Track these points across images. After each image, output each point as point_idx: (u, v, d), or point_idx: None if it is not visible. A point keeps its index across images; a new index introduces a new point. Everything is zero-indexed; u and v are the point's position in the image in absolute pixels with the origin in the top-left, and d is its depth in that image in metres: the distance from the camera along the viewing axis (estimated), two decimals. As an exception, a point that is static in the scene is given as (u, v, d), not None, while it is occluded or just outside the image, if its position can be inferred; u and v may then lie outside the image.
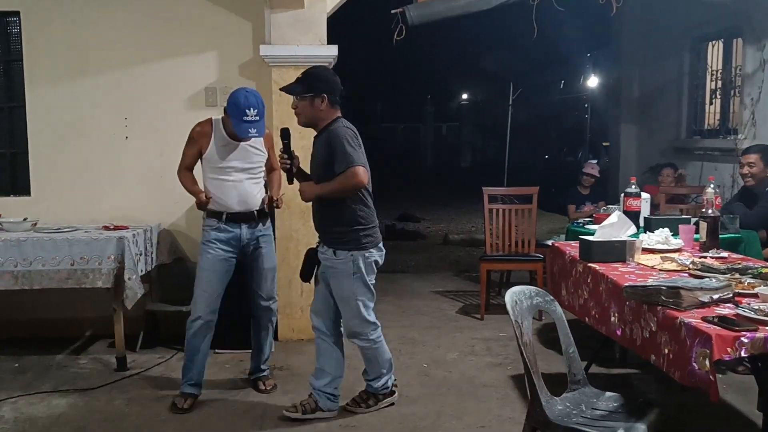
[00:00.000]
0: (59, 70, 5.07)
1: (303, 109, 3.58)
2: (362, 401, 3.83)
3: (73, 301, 5.00)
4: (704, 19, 7.20)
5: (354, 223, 3.56)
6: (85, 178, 5.13)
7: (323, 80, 3.58)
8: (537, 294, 2.99)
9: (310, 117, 3.58)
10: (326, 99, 3.54)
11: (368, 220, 3.61)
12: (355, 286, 3.59)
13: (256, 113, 3.77)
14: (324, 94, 3.54)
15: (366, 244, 3.59)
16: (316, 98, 3.53)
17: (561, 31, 9.74)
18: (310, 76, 3.60)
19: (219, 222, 3.93)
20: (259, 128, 3.80)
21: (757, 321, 2.51)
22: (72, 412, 3.87)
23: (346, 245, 3.56)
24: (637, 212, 4.56)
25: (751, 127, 6.41)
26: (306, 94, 3.54)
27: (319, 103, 3.54)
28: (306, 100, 3.55)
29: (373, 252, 3.62)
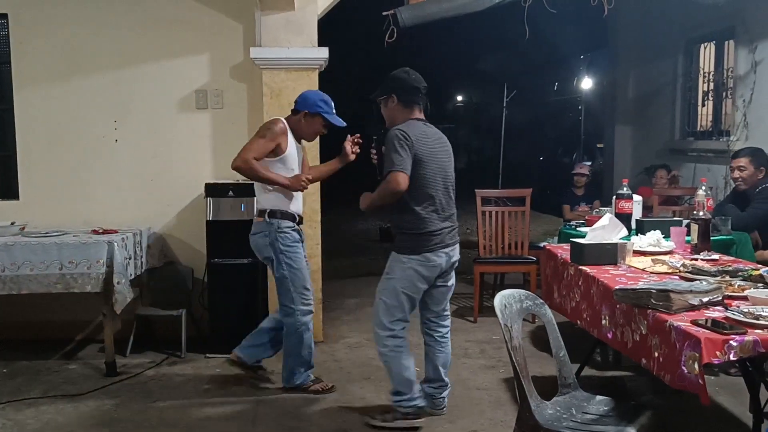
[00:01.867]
0: (48, 73, 5.05)
1: (383, 112, 3.66)
2: (382, 412, 3.72)
3: (63, 305, 4.96)
4: (697, 22, 7.21)
5: (400, 228, 3.56)
6: (74, 181, 5.10)
7: (393, 80, 3.60)
8: (527, 297, 2.97)
9: (387, 117, 3.64)
10: (395, 99, 3.56)
11: (416, 225, 3.50)
12: (384, 286, 3.58)
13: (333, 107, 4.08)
14: (393, 94, 3.57)
15: (405, 249, 3.52)
16: (388, 99, 3.59)
17: (555, 33, 9.73)
18: (386, 79, 3.64)
19: (295, 223, 4.05)
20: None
21: (746, 324, 2.50)
22: (61, 418, 3.83)
23: (394, 247, 3.60)
24: (629, 214, 4.54)
25: (744, 129, 6.41)
26: (380, 96, 3.63)
27: (391, 104, 3.59)
28: (383, 102, 3.63)
29: (413, 259, 3.50)
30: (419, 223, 3.49)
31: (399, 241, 3.56)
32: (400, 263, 3.53)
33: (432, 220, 3.51)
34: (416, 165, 3.44)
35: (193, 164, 5.13)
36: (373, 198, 3.52)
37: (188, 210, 5.13)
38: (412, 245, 3.51)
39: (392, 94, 3.56)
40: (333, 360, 4.76)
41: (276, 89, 4.90)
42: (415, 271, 3.51)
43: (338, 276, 7.49)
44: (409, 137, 3.43)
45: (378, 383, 4.30)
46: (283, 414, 3.88)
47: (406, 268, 3.52)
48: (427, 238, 3.50)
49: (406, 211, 3.50)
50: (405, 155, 3.40)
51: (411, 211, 3.50)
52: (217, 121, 5.12)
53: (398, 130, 3.46)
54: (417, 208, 3.49)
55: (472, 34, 13.35)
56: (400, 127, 3.49)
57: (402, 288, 3.54)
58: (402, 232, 3.55)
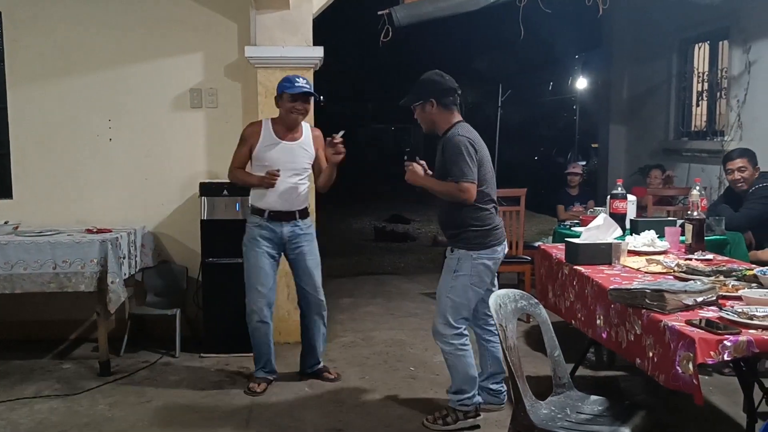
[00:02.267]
0: (42, 72, 5.03)
1: (420, 116, 3.66)
2: (440, 416, 3.65)
3: (57, 305, 4.95)
4: (691, 22, 7.23)
5: (466, 225, 3.56)
6: (68, 180, 5.08)
7: (429, 85, 3.60)
8: (522, 297, 2.97)
9: (427, 123, 3.65)
10: (435, 103, 3.57)
11: (483, 221, 3.57)
12: (453, 284, 3.58)
13: (306, 81, 4.09)
14: (432, 99, 3.56)
15: (476, 245, 3.56)
16: (425, 104, 3.59)
17: (550, 33, 9.75)
18: (416, 84, 3.63)
19: (261, 219, 4.10)
20: (311, 89, 4.10)
21: (740, 324, 2.50)
22: (54, 417, 3.82)
23: (458, 244, 3.59)
24: (623, 214, 4.55)
25: (738, 129, 6.44)
26: (416, 102, 3.61)
27: (430, 109, 3.59)
28: (418, 108, 3.62)
29: (482, 254, 3.57)
30: (486, 218, 3.59)
31: (465, 237, 3.57)
32: (470, 259, 3.56)
33: (494, 216, 3.64)
34: (479, 166, 3.53)
35: (188, 163, 5.11)
36: (440, 191, 3.56)
37: (183, 209, 5.12)
38: (481, 240, 3.57)
39: (431, 98, 3.57)
40: (328, 360, 4.75)
41: (271, 88, 4.87)
42: (485, 266, 3.59)
43: (333, 275, 7.48)
44: (474, 143, 3.52)
45: (373, 383, 4.31)
46: (277, 414, 3.88)
47: (477, 264, 3.57)
48: (493, 232, 3.61)
49: (471, 208, 3.54)
50: (473, 164, 3.47)
51: (477, 208, 3.55)
52: (212, 120, 5.10)
53: (463, 137, 3.50)
54: (482, 204, 3.57)
55: (467, 34, 13.38)
56: (463, 133, 3.53)
57: (472, 284, 3.59)
58: (468, 229, 3.56)
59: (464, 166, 3.45)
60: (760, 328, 2.47)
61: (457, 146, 3.47)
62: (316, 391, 4.20)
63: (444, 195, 3.55)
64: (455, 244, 3.62)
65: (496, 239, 3.62)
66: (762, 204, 4.72)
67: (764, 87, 6.12)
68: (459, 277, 3.58)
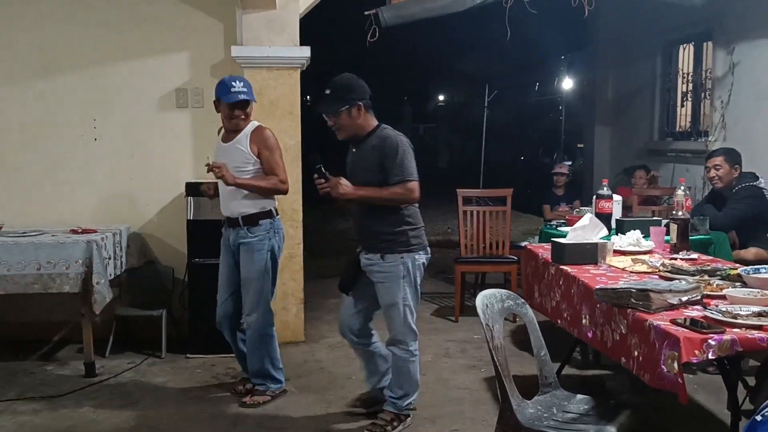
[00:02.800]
0: (25, 70, 4.98)
1: (343, 123, 3.45)
2: (387, 423, 3.58)
3: (41, 305, 4.90)
4: (676, 23, 7.28)
5: (402, 224, 3.48)
6: (53, 180, 5.04)
7: (354, 88, 3.46)
8: (508, 297, 2.98)
9: (352, 129, 3.48)
10: (362, 107, 3.44)
11: (416, 220, 3.54)
12: (405, 290, 3.49)
13: (243, 85, 3.91)
14: (359, 103, 3.43)
15: (415, 246, 3.50)
16: (352, 109, 3.43)
17: (536, 34, 9.80)
18: (339, 88, 3.46)
19: (222, 225, 4.10)
20: (248, 94, 3.92)
21: (724, 323, 2.53)
22: (37, 419, 3.79)
23: (395, 248, 3.46)
24: (609, 214, 4.58)
25: (721, 130, 6.49)
26: (342, 108, 3.41)
27: (356, 113, 3.44)
28: (343, 114, 3.43)
29: (421, 254, 3.53)
30: (419, 217, 3.56)
31: (404, 240, 3.47)
32: (413, 261, 3.49)
33: (420, 215, 3.59)
34: None
35: (174, 163, 5.09)
36: (381, 197, 3.43)
37: (168, 209, 5.09)
38: (419, 240, 3.54)
39: (359, 102, 3.43)
40: (314, 360, 4.75)
41: (257, 88, 4.83)
42: (423, 266, 3.56)
43: (319, 275, 7.46)
44: (408, 141, 3.48)
45: (360, 383, 4.30)
46: (264, 415, 3.86)
47: (419, 265, 3.53)
48: (423, 231, 3.60)
49: (406, 207, 3.49)
50: (413, 160, 3.44)
51: (410, 207, 3.51)
52: (198, 120, 5.07)
53: (402, 137, 3.46)
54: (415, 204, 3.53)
55: (454, 35, 13.40)
56: (399, 132, 3.49)
57: (418, 286, 3.56)
58: (406, 230, 3.48)
59: (410, 164, 3.40)
60: (744, 327, 2.50)
61: (400, 146, 3.39)
62: (303, 392, 4.19)
63: (389, 201, 3.42)
64: (392, 248, 3.46)
65: (425, 239, 3.61)
66: (745, 204, 4.77)
67: (748, 88, 6.18)
68: (408, 282, 3.49)
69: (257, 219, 3.94)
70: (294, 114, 4.94)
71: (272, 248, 3.98)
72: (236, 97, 3.87)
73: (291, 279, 5.06)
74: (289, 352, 4.89)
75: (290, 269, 5.03)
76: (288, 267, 5.01)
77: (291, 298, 5.07)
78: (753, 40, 6.10)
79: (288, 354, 4.86)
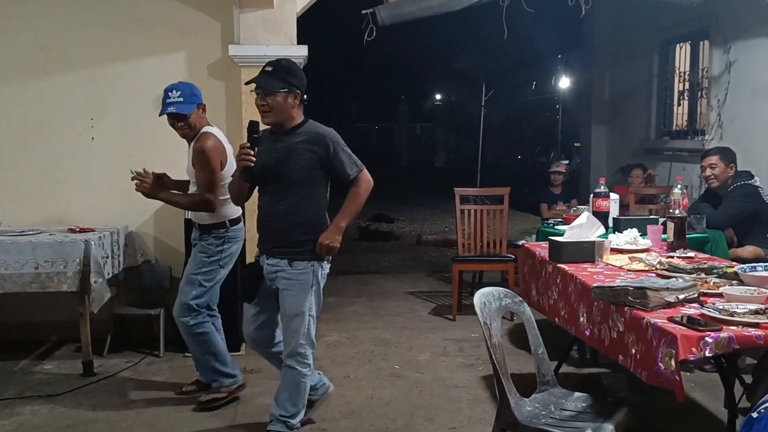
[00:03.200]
0: (21, 70, 4.98)
1: (276, 105, 3.25)
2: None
3: (38, 305, 4.90)
4: (672, 22, 7.30)
5: (317, 230, 3.32)
6: (50, 179, 5.04)
7: (297, 75, 3.32)
8: (506, 295, 2.99)
9: (282, 114, 3.28)
10: (298, 96, 3.30)
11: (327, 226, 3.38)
12: (311, 300, 3.33)
13: (179, 95, 3.80)
14: (298, 91, 3.29)
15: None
16: (289, 95, 3.27)
17: (533, 33, 9.81)
18: (283, 70, 3.29)
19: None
20: (178, 107, 3.81)
21: (721, 321, 2.54)
22: (36, 419, 3.79)
23: (305, 255, 3.30)
24: (606, 213, 4.59)
25: (718, 128, 6.51)
26: (281, 89, 3.24)
27: (292, 100, 3.28)
28: (279, 96, 3.25)
29: (327, 263, 3.41)
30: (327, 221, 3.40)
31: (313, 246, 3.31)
32: (321, 269, 3.36)
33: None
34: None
35: (171, 162, 5.05)
36: (357, 206, 3.35)
37: (166, 208, 5.05)
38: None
39: (297, 90, 3.29)
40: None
41: (255, 87, 4.87)
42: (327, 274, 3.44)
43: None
44: None
45: (358, 382, 4.31)
46: (262, 413, 3.85)
47: (326, 274, 3.42)
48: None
49: (322, 211, 3.37)
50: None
51: (324, 211, 3.38)
52: (196, 119, 5.07)
53: (332, 130, 3.36)
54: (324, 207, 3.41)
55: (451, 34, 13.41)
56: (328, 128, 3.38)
57: (322, 295, 3.44)
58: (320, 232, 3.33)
59: (352, 155, 3.33)
60: (740, 325, 2.51)
61: (338, 139, 3.32)
62: (301, 391, 4.19)
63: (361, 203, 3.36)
64: (301, 255, 3.29)
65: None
66: (741, 202, 4.79)
67: (744, 86, 6.20)
68: (316, 292, 3.35)
69: (210, 229, 3.92)
70: (291, 113, 4.94)
71: (218, 254, 3.92)
72: (164, 110, 3.86)
73: (289, 278, 5.05)
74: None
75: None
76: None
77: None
78: (749, 39, 6.12)
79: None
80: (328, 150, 3.30)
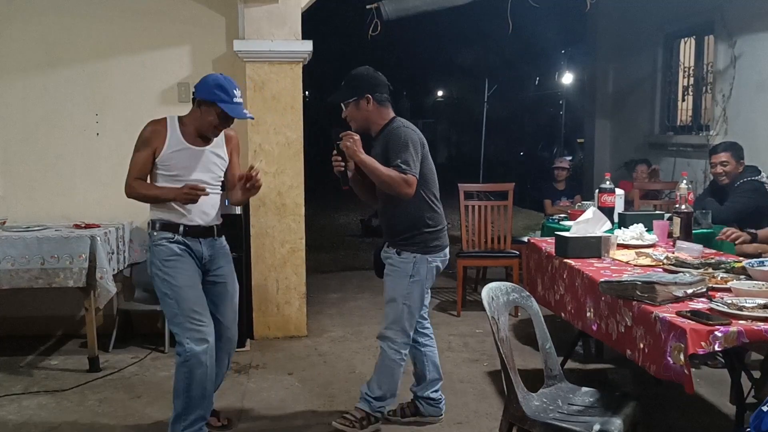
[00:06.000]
0: (28, 64, 4.97)
1: (352, 114, 3.43)
2: (356, 420, 3.48)
3: (44, 300, 4.91)
4: (677, 16, 7.28)
5: (421, 226, 3.42)
6: (56, 175, 5.04)
7: (364, 80, 3.43)
8: (513, 290, 2.99)
9: (361, 121, 3.43)
10: (371, 99, 3.39)
11: (436, 222, 3.47)
12: (409, 289, 3.43)
13: (240, 95, 3.33)
14: (368, 95, 3.38)
15: (432, 248, 3.44)
16: (360, 100, 3.40)
17: (536, 28, 9.79)
18: (350, 79, 3.46)
19: (176, 234, 3.31)
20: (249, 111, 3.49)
21: (730, 315, 2.53)
22: (43, 413, 3.79)
23: (411, 247, 3.43)
24: (612, 208, 4.58)
25: (723, 123, 6.49)
26: (350, 98, 3.41)
27: (365, 105, 3.40)
28: (351, 105, 3.42)
29: (437, 257, 3.47)
30: (438, 219, 3.49)
31: (421, 240, 3.42)
32: (426, 263, 3.43)
33: (443, 217, 3.55)
34: (425, 162, 3.42)
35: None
36: (379, 170, 3.26)
37: (171, 204, 5.08)
38: (436, 243, 3.46)
39: (366, 94, 3.39)
40: (317, 354, 4.75)
41: (259, 82, 4.87)
42: (437, 269, 3.51)
43: (320, 270, 7.49)
44: (420, 138, 3.40)
45: (363, 377, 4.30)
46: (268, 408, 3.88)
47: (432, 268, 3.47)
48: (443, 233, 3.53)
49: (425, 207, 3.43)
50: (418, 159, 3.35)
51: (430, 208, 3.45)
52: (200, 115, 5.07)
53: (410, 130, 3.37)
54: (434, 204, 3.48)
55: (454, 29, 13.38)
56: (408, 126, 3.41)
57: (426, 288, 3.51)
58: (423, 230, 3.43)
59: (410, 158, 3.30)
60: (749, 319, 2.50)
61: (404, 138, 3.32)
62: (307, 386, 4.20)
63: (383, 181, 3.28)
64: (406, 247, 3.43)
65: (446, 241, 3.53)
66: (747, 197, 4.77)
67: (749, 81, 6.18)
68: (415, 283, 3.43)
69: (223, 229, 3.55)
70: (296, 108, 4.94)
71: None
72: (238, 113, 3.28)
73: (293, 273, 5.06)
74: (292, 346, 4.91)
75: (292, 263, 5.04)
76: (290, 261, 5.02)
77: (293, 292, 5.08)
78: (755, 33, 6.10)
79: (291, 348, 4.89)
80: (389, 147, 3.36)
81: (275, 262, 5.02)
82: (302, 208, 5.04)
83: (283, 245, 5.01)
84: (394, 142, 3.34)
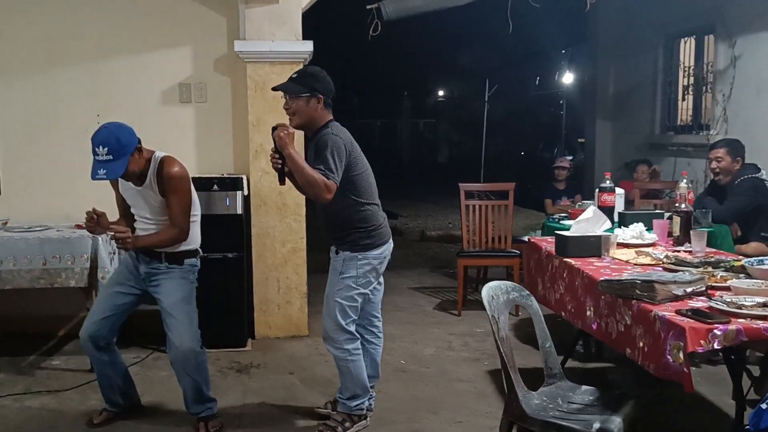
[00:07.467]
0: (29, 63, 4.98)
1: (299, 108, 3.39)
2: (339, 423, 3.56)
3: (46, 300, 4.91)
4: (677, 16, 7.29)
5: (350, 226, 3.46)
6: (57, 175, 5.04)
7: (321, 80, 3.42)
8: (513, 289, 3.00)
9: (306, 118, 3.40)
10: (322, 100, 3.40)
11: (368, 222, 3.49)
12: (339, 286, 3.47)
13: (107, 151, 3.30)
14: (320, 95, 3.38)
15: (363, 246, 3.47)
16: (312, 99, 3.38)
17: (537, 28, 9.80)
18: (307, 75, 3.43)
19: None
20: (109, 169, 3.32)
21: (729, 313, 2.54)
22: (45, 412, 3.81)
23: (343, 246, 3.49)
24: (612, 207, 4.59)
25: (723, 123, 6.50)
26: (303, 93, 3.38)
27: (315, 104, 3.39)
28: (302, 100, 3.38)
29: (368, 255, 3.48)
30: (370, 219, 3.49)
31: (351, 240, 3.47)
32: (356, 260, 3.47)
33: (377, 215, 3.55)
34: (356, 164, 3.42)
35: (178, 158, 5.07)
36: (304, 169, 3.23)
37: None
38: (367, 242, 3.48)
39: (319, 95, 3.38)
40: (318, 354, 4.76)
41: (260, 82, 4.88)
42: (371, 267, 3.51)
43: (320, 270, 7.46)
44: (347, 145, 3.37)
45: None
46: (269, 406, 3.89)
47: (363, 265, 3.49)
48: (379, 232, 3.53)
49: (355, 209, 3.45)
50: (341, 165, 3.33)
51: (358, 211, 3.46)
52: (201, 115, 5.09)
53: (337, 137, 3.35)
54: (366, 204, 3.48)
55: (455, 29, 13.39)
56: (336, 132, 3.37)
57: (358, 285, 3.50)
58: (353, 231, 3.46)
59: (333, 165, 3.29)
60: (749, 317, 2.52)
61: (331, 145, 3.29)
62: (307, 384, 4.21)
63: (306, 181, 3.24)
64: (340, 245, 3.50)
65: (380, 239, 3.53)
66: (747, 195, 4.78)
67: (749, 81, 6.19)
68: (345, 279, 3.47)
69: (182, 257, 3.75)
70: (297, 108, 4.94)
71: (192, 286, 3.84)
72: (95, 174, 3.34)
73: (294, 273, 5.07)
74: (294, 346, 4.93)
75: (293, 263, 5.05)
76: (291, 261, 5.04)
77: (294, 292, 5.09)
78: (755, 33, 6.11)
79: (292, 347, 4.90)
80: (316, 150, 3.35)
81: (276, 262, 5.04)
82: (303, 208, 5.05)
83: (284, 245, 5.03)
84: (321, 147, 3.33)
